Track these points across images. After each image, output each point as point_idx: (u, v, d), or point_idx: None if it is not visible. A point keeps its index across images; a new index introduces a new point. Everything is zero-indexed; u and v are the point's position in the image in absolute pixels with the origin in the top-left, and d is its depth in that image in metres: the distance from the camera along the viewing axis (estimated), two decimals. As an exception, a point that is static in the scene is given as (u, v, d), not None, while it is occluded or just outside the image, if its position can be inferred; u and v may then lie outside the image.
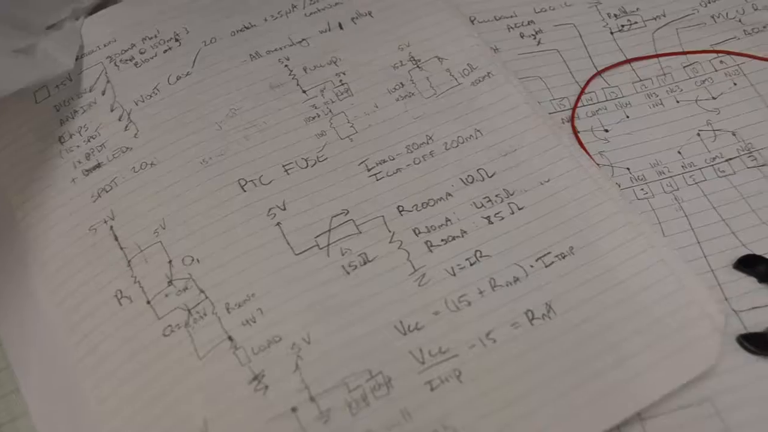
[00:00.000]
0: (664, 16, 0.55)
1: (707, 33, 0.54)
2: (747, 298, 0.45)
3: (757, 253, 0.46)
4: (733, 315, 0.44)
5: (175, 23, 0.53)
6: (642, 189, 0.48)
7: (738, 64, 0.53)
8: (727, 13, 0.55)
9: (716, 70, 0.53)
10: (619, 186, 0.48)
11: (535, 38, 0.53)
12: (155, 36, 0.52)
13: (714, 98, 0.51)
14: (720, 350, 0.42)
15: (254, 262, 0.43)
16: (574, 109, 0.50)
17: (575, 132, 0.49)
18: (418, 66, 0.51)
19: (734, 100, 0.51)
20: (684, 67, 0.53)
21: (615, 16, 0.55)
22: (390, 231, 0.44)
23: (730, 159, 0.49)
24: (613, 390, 0.40)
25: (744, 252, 0.46)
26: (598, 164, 0.48)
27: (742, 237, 0.47)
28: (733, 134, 0.50)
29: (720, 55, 0.53)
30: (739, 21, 0.55)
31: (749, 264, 0.45)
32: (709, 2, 0.55)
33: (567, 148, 0.48)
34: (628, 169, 0.49)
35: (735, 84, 0.52)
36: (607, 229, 0.45)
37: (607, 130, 0.50)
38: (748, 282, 0.45)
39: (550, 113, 0.50)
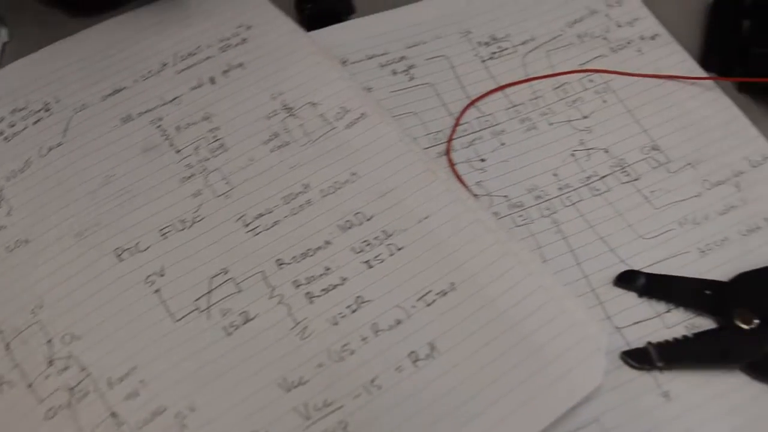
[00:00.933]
0: (533, 39, 0.56)
1: (575, 53, 0.55)
2: (628, 313, 0.45)
3: (637, 267, 0.47)
4: (615, 333, 0.45)
5: (45, 92, 0.52)
6: (520, 215, 0.48)
7: (606, 82, 0.54)
8: (593, 32, 0.56)
9: (586, 89, 0.54)
10: (498, 215, 0.48)
11: (407, 74, 0.54)
12: (24, 108, 0.51)
13: (586, 117, 0.52)
14: (604, 370, 0.42)
15: (134, 333, 0.43)
16: (449, 141, 0.51)
17: (452, 165, 0.50)
18: (291, 114, 0.51)
19: (605, 117, 0.52)
20: (555, 88, 0.54)
21: (485, 44, 0.55)
22: (270, 286, 0.44)
23: (605, 176, 0.50)
24: (500, 423, 0.40)
25: (623, 268, 0.47)
26: (476, 195, 0.49)
27: (620, 253, 0.47)
28: (606, 151, 0.51)
29: (588, 73, 0.54)
30: (605, 39, 0.56)
31: (628, 280, 0.46)
32: (576, 22, 0.57)
33: (444, 182, 0.48)
34: (506, 196, 0.49)
35: (605, 101, 0.53)
36: (485, 261, 0.45)
37: (483, 160, 0.50)
38: (629, 297, 0.46)
39: (426, 148, 0.51)
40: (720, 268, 0.47)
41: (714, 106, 0.53)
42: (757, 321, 0.44)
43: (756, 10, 0.53)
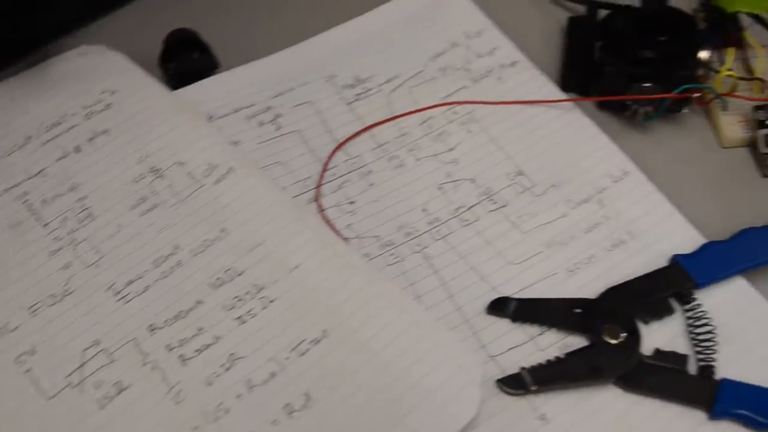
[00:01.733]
0: (397, 77, 0.57)
1: (439, 87, 0.56)
2: (502, 340, 0.46)
3: (508, 293, 0.48)
4: (490, 361, 0.45)
5: None
6: (392, 254, 0.49)
7: (470, 112, 0.55)
8: (455, 65, 0.57)
9: (451, 122, 0.55)
10: (369, 256, 0.49)
11: (274, 123, 0.54)
12: None
13: (451, 149, 0.54)
14: (478, 401, 0.43)
15: (6, 418, 0.42)
16: (318, 187, 0.51)
17: (321, 210, 0.50)
18: (159, 175, 0.51)
19: (470, 147, 0.54)
20: (420, 124, 0.55)
21: (350, 86, 0.56)
22: (143, 353, 0.44)
23: (473, 206, 0.51)
24: (379, 465, 0.41)
25: (495, 296, 0.48)
26: (346, 238, 0.49)
27: (492, 281, 0.48)
28: (473, 181, 0.52)
29: (452, 106, 0.55)
30: (467, 70, 0.57)
31: (500, 307, 0.47)
32: (438, 56, 0.58)
33: (313, 229, 0.49)
34: (376, 237, 0.50)
35: (469, 132, 0.54)
36: (356, 304, 0.46)
37: (353, 202, 0.51)
38: (502, 324, 0.47)
39: (295, 196, 0.51)
40: (589, 285, 0.48)
41: (574, 127, 0.54)
42: (624, 334, 0.45)
43: (604, 30, 0.55)
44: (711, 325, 0.46)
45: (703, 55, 0.54)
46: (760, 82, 0.55)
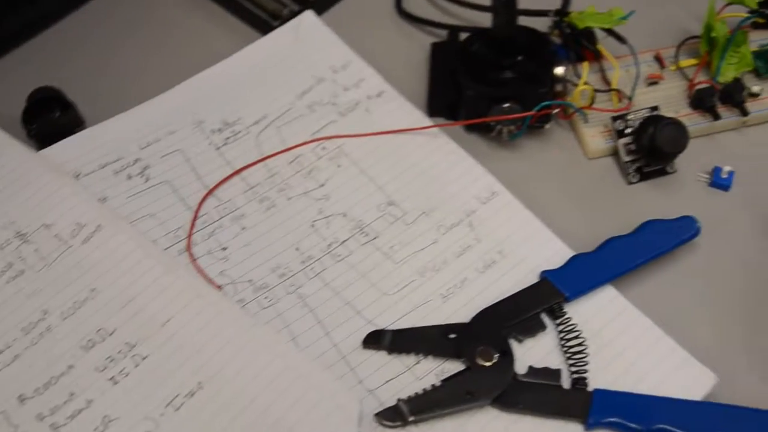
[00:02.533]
0: (265, 117, 0.57)
1: (307, 123, 0.57)
2: (379, 373, 0.47)
3: (384, 325, 0.48)
4: (369, 395, 0.46)
5: None
6: (266, 297, 0.49)
7: (339, 146, 0.56)
8: (322, 100, 0.58)
9: (320, 158, 0.55)
10: (243, 301, 0.49)
11: (143, 176, 0.54)
12: None
13: (322, 186, 0.54)
14: (357, 437, 0.43)
15: None
16: (189, 237, 0.51)
17: (193, 260, 0.50)
18: (25, 240, 0.50)
19: (341, 182, 0.54)
20: (290, 163, 0.55)
21: (219, 130, 0.56)
22: (13, 425, 0.43)
23: (345, 241, 0.51)
24: None
25: (371, 329, 0.48)
26: (219, 286, 0.49)
27: (367, 314, 0.49)
28: (344, 215, 0.52)
29: (320, 142, 0.56)
30: (334, 104, 0.57)
31: (375, 340, 0.47)
32: (304, 93, 0.58)
33: (184, 280, 0.48)
34: (250, 281, 0.50)
35: (339, 166, 0.55)
36: (230, 353, 0.46)
37: (225, 248, 0.51)
38: (379, 357, 0.47)
39: (166, 249, 0.51)
40: (463, 309, 0.49)
41: (441, 152, 0.55)
42: (497, 355, 0.46)
43: (463, 54, 0.56)
44: (581, 338, 0.47)
45: (559, 71, 0.55)
46: (617, 93, 0.57)
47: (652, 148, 0.52)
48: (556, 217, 0.53)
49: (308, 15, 0.61)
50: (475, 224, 0.52)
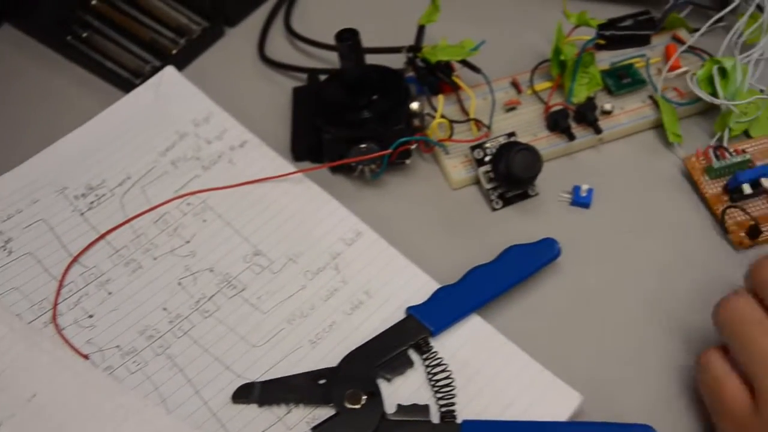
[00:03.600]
0: (129, 178, 0.57)
1: (171, 181, 0.57)
2: (251, 427, 0.47)
3: (254, 377, 0.48)
4: (239, 451, 0.45)
5: None
6: (134, 361, 0.49)
7: (203, 201, 0.56)
8: (185, 155, 0.58)
9: (185, 214, 0.55)
10: (111, 368, 0.48)
11: (5, 249, 0.53)
12: None
13: (188, 242, 0.54)
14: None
15: None
16: (54, 308, 0.51)
17: (58, 331, 0.50)
18: None
19: (206, 236, 0.54)
20: (155, 222, 0.55)
21: (83, 195, 0.56)
22: None
23: (213, 296, 0.52)
24: None
25: (241, 382, 0.48)
26: (85, 356, 0.49)
27: (236, 368, 0.49)
28: (211, 270, 0.53)
29: (185, 198, 0.56)
30: (198, 158, 0.58)
31: (244, 393, 0.48)
32: (168, 150, 0.58)
33: (49, 353, 0.48)
34: (118, 347, 0.49)
35: (204, 221, 0.55)
36: (98, 421, 0.45)
37: (91, 316, 0.51)
38: (250, 410, 0.47)
39: (31, 321, 0.50)
40: (332, 353, 0.49)
41: (305, 197, 0.56)
42: (365, 397, 0.46)
43: (319, 98, 0.57)
44: (448, 371, 0.48)
45: (415, 106, 0.56)
46: (476, 122, 0.58)
47: (508, 175, 0.54)
48: (423, 250, 0.54)
49: (169, 70, 0.61)
50: (341, 267, 0.52)
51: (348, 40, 0.52)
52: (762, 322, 0.42)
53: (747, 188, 0.53)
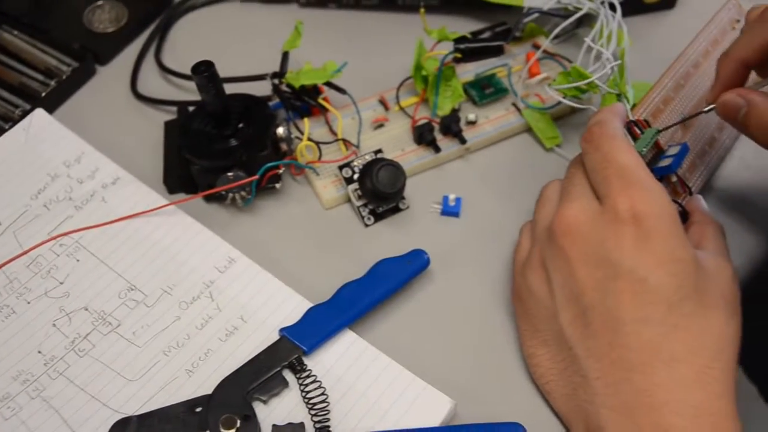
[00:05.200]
0: (1, 224, 0.57)
1: (43, 223, 0.57)
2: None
3: (132, 411, 0.48)
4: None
5: None
6: (8, 407, 0.49)
7: (76, 241, 0.56)
8: (58, 196, 0.58)
9: (58, 255, 0.55)
10: (-16, 417, 0.48)
11: None
12: None
13: (62, 283, 0.54)
14: None
15: None
16: (-75, 360, 0.50)
17: (-70, 384, 0.49)
18: None
19: (80, 276, 0.54)
20: (28, 266, 0.55)
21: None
22: None
23: (88, 334, 0.52)
24: None
25: (117, 418, 0.48)
26: (-42, 406, 0.48)
27: (113, 405, 0.49)
28: (86, 309, 0.53)
29: (58, 239, 0.56)
30: (70, 199, 0.58)
31: (121, 428, 0.48)
32: (40, 193, 0.58)
33: None
34: (-8, 394, 0.49)
35: (78, 260, 0.55)
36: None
37: (-35, 365, 0.50)
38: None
39: None
40: (209, 380, 0.50)
41: (177, 229, 0.56)
42: (239, 421, 0.47)
43: (185, 130, 0.57)
44: (322, 387, 0.49)
45: (280, 131, 0.57)
46: (344, 142, 0.59)
47: (373, 191, 0.55)
48: (298, 271, 0.55)
49: (38, 113, 0.62)
50: (215, 294, 0.53)
51: (204, 72, 0.53)
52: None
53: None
